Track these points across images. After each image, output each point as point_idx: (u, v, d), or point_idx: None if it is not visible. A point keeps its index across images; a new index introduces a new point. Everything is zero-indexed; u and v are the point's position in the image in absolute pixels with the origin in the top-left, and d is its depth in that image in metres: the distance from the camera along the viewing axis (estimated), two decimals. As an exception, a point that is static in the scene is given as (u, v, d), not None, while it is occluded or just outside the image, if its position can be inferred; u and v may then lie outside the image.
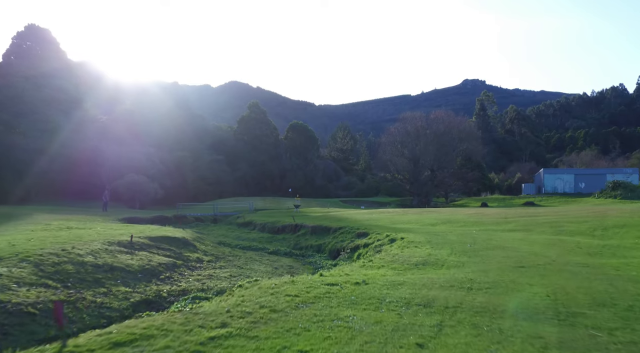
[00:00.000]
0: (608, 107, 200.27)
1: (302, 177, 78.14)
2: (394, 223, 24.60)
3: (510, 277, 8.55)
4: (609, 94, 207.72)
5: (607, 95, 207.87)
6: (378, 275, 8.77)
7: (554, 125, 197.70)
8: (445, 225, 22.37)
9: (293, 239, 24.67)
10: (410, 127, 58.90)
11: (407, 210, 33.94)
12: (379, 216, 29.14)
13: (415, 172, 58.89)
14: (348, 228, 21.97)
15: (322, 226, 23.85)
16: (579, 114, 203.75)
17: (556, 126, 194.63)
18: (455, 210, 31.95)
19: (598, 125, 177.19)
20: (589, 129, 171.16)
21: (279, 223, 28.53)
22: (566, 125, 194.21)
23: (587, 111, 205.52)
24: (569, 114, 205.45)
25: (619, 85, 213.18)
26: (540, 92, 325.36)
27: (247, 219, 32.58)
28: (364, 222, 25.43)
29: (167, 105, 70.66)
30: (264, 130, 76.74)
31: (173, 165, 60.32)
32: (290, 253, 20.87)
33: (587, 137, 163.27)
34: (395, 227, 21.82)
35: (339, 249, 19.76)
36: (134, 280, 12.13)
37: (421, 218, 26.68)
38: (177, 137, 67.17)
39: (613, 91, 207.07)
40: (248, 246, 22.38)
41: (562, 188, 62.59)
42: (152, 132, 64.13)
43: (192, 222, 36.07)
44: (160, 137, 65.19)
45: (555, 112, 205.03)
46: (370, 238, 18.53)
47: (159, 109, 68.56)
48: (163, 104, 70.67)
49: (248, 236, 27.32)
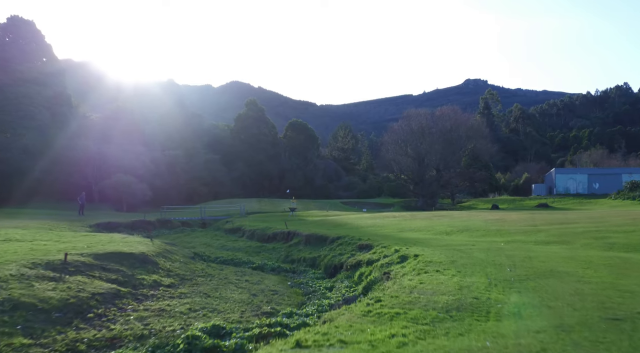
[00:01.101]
0: (612, 106, 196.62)
1: (301, 177, 74.62)
2: (402, 231, 21.07)
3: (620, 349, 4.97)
4: (613, 93, 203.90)
5: (612, 94, 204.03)
6: (392, 345, 5.20)
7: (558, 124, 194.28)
8: (464, 235, 18.80)
9: (284, 250, 21.15)
10: (414, 124, 55.21)
11: (414, 214, 30.38)
12: (384, 222, 25.60)
13: (420, 172, 55.23)
14: (348, 239, 18.41)
15: (318, 235, 20.29)
16: (582, 113, 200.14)
17: (560, 125, 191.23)
18: (468, 214, 28.39)
19: (602, 125, 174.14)
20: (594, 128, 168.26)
21: (270, 230, 25.01)
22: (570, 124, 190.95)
23: (591, 110, 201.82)
24: (573, 113, 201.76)
25: (623, 85, 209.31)
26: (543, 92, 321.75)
27: (236, 224, 29.07)
28: (367, 230, 21.90)
29: (160, 103, 67.26)
30: (262, 128, 73.22)
31: (164, 165, 56.85)
32: (279, 269, 17.32)
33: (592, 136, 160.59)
34: (404, 236, 18.27)
35: (337, 265, 16.22)
36: (45, 323, 8.52)
37: (432, 224, 23.10)
38: (170, 135, 63.73)
39: (617, 90, 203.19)
40: (230, 259, 18.82)
41: (574, 188, 58.92)
42: (143, 130, 60.71)
43: (177, 227, 32.64)
44: (153, 135, 61.77)
45: (558, 111, 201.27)
46: (374, 253, 14.99)
47: (152, 106, 65.16)
48: (156, 102, 67.31)
49: (234, 245, 23.81)
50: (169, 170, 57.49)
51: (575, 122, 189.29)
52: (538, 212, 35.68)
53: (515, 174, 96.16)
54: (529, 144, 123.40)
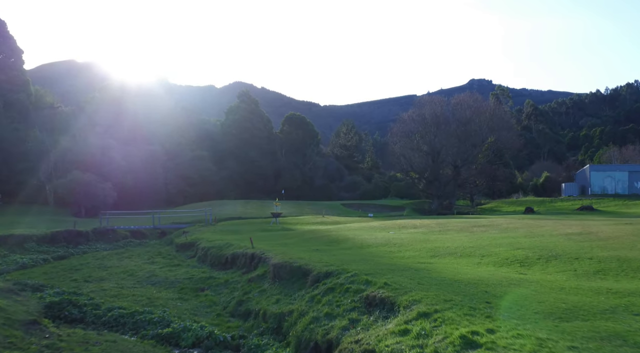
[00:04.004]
0: (623, 104, 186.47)
1: (299, 176, 65.62)
2: (436, 257, 12.12)
3: None
4: (624, 91, 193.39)
5: (622, 92, 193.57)
6: None
7: (567, 123, 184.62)
8: (554, 268, 9.70)
9: (240, 288, 12.26)
10: (428, 113, 45.96)
11: (440, 222, 21.21)
12: (402, 236, 16.58)
13: (434, 169, 45.99)
14: (346, 278, 9.37)
15: (295, 266, 11.28)
16: (592, 112, 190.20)
17: (569, 124, 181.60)
18: (520, 222, 19.18)
19: (614, 123, 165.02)
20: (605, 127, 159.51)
21: (230, 249, 16.13)
22: (580, 123, 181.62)
23: (601, 109, 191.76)
24: (583, 111, 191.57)
25: (634, 82, 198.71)
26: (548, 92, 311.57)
27: (191, 238, 20.16)
28: (378, 254, 12.96)
29: (141, 93, 58.62)
30: (255, 122, 64.30)
31: (140, 162, 48.03)
32: (209, 342, 8.48)
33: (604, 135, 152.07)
34: (444, 270, 9.18)
35: (321, 346, 7.43)
36: None
37: (480, 243, 13.97)
38: (151, 129, 54.97)
39: (629, 88, 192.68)
40: (130, 314, 9.85)
41: (612, 188, 49.52)
42: (121, 123, 52.07)
43: (122, 239, 23.80)
44: (132, 129, 53.09)
45: (568, 109, 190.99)
46: (398, 325, 6.21)
47: (132, 97, 56.50)
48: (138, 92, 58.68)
49: (171, 274, 14.93)
50: (146, 167, 48.71)
51: (585, 121, 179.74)
52: (596, 217, 26.57)
53: (532, 172, 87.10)
54: (542, 142, 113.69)
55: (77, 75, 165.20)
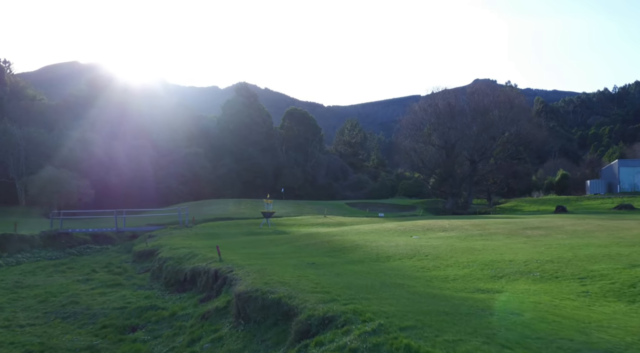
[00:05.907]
0: (632, 103, 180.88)
1: (300, 174, 60.80)
2: (501, 278, 7.19)
3: None
4: (633, 89, 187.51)
5: (631, 90, 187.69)
6: None
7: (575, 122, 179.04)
8: None
9: (187, 331, 7.49)
10: (441, 103, 40.96)
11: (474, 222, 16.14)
12: (434, 245, 11.68)
13: (449, 165, 40.99)
14: (362, 339, 4.64)
15: (271, 300, 6.50)
16: (600, 111, 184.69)
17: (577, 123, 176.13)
18: (597, 226, 14.22)
19: (623, 122, 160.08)
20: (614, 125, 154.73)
21: (193, 260, 11.37)
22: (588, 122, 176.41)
23: (609, 107, 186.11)
24: (590, 110, 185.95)
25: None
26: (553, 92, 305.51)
27: (152, 244, 15.42)
28: (410, 276, 8.02)
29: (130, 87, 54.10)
30: (254, 117, 59.55)
31: (126, 158, 43.41)
32: None
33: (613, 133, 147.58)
34: (553, 326, 4.19)
35: None
36: None
37: (561, 256, 9.00)
38: (140, 124, 50.40)
39: (637, 86, 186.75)
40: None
41: (644, 185, 44.45)
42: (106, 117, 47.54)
43: (79, 244, 19.09)
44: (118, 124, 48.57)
45: (575, 108, 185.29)
46: None
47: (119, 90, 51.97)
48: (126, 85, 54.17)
49: (96, 302, 10.04)
50: (133, 164, 44.10)
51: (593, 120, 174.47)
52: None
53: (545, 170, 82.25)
54: (553, 140, 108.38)
55: (80, 76, 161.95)
